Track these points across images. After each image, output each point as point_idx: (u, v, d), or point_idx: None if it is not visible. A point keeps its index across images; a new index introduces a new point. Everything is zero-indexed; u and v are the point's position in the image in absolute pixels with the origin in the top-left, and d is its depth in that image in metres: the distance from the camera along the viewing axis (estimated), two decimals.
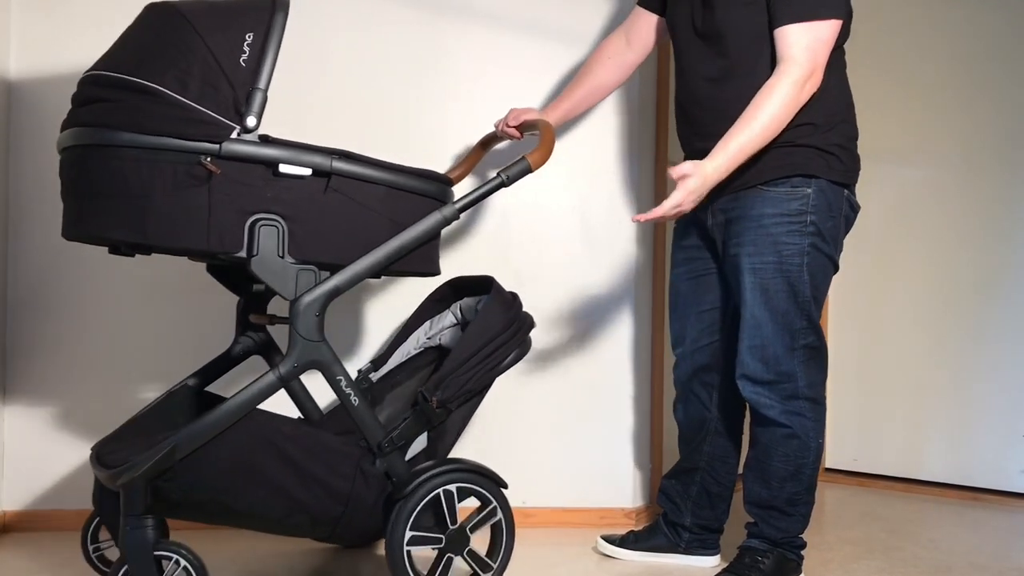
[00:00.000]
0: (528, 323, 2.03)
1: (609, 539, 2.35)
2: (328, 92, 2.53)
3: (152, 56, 1.67)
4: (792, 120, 1.92)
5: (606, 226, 2.64)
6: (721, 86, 2.03)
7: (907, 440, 3.27)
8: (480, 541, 1.93)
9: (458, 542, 1.89)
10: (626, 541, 2.33)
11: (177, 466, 1.70)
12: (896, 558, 2.39)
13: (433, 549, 1.88)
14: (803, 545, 2.13)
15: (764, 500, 2.09)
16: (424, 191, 1.87)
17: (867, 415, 3.35)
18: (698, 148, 2.11)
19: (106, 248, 2.46)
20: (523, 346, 2.01)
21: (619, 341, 2.65)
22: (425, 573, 1.86)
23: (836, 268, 2.08)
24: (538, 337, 2.55)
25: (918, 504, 3.06)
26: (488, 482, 1.92)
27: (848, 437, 3.39)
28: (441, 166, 2.51)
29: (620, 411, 2.65)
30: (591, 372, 2.64)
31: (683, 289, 2.24)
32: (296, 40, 2.51)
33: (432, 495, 1.85)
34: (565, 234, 2.64)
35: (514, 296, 2.05)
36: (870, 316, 3.36)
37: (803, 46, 1.89)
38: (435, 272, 1.97)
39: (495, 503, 1.93)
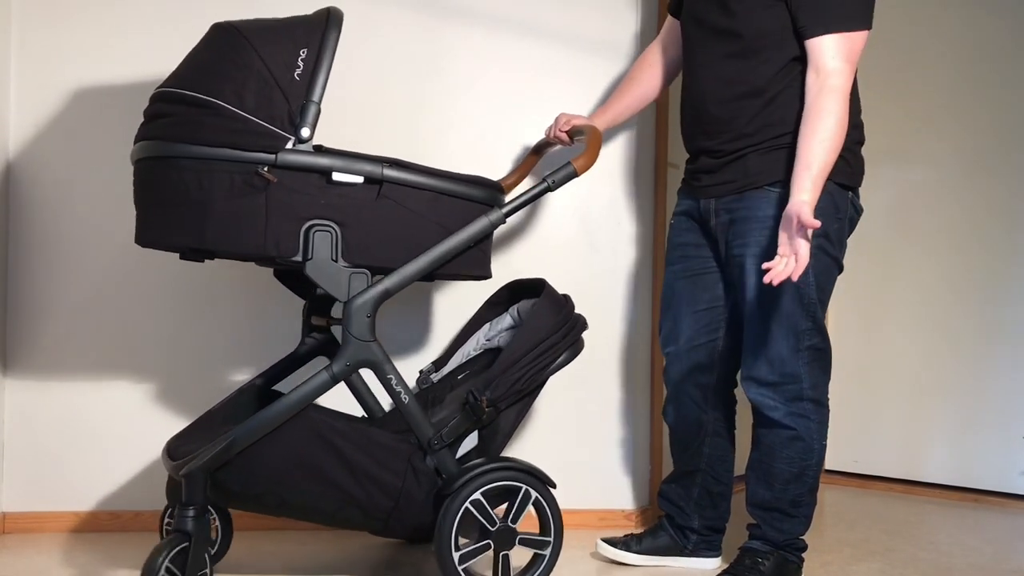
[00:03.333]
0: (580, 324, 2.08)
1: (610, 542, 2.33)
2: (329, 94, 2.52)
3: (212, 72, 1.79)
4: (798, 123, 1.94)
5: (606, 228, 2.65)
6: (737, 87, 2.02)
7: (907, 442, 3.27)
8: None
9: (504, 540, 1.94)
10: (628, 544, 2.30)
11: (236, 459, 1.82)
12: (896, 560, 2.39)
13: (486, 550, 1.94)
14: (804, 547, 2.13)
15: (767, 502, 2.08)
16: (473, 196, 1.95)
17: (867, 416, 3.35)
18: (704, 147, 2.11)
19: (105, 249, 2.49)
20: (575, 346, 2.06)
21: (618, 342, 2.65)
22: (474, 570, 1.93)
23: (841, 269, 2.08)
24: None
25: (918, 506, 3.06)
26: (536, 482, 1.97)
27: (848, 438, 3.39)
28: (442, 167, 2.51)
29: (619, 412, 2.65)
30: (590, 373, 2.64)
31: (679, 287, 2.23)
32: None
33: (503, 484, 1.92)
34: (565, 235, 2.64)
35: (566, 298, 2.10)
36: (871, 317, 3.36)
37: (843, 57, 1.90)
38: (486, 275, 2.03)
39: (551, 539, 1.98)
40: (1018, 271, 3.08)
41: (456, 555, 1.89)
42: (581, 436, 2.64)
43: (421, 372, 2.25)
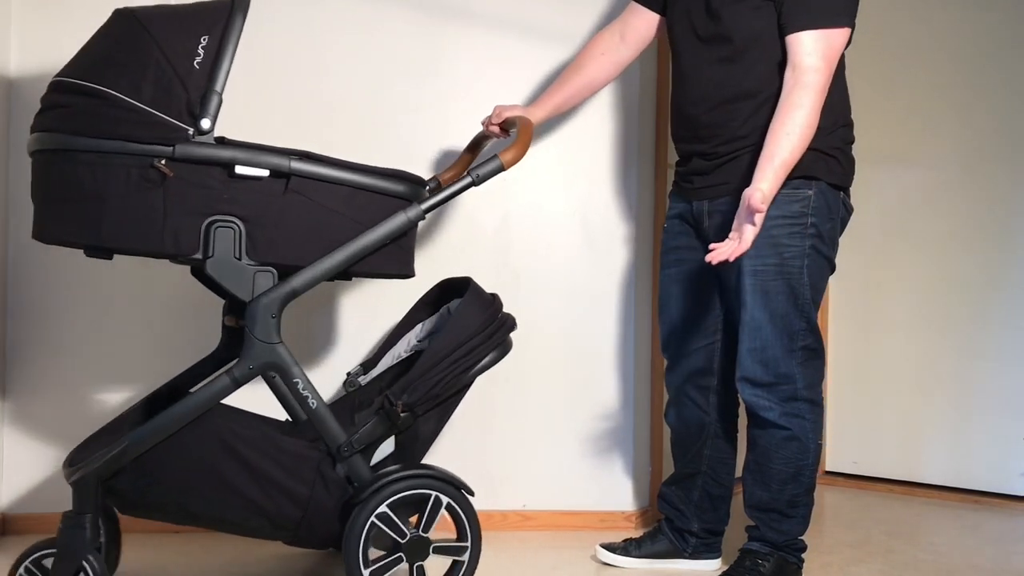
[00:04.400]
0: (508, 324, 1.99)
1: (609, 547, 2.31)
2: (328, 95, 2.53)
3: (109, 61, 1.71)
4: None
5: (605, 229, 2.64)
6: (729, 91, 2.02)
7: (907, 443, 3.27)
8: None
9: (417, 550, 1.85)
10: (628, 549, 2.29)
11: (130, 466, 1.73)
12: (896, 561, 2.39)
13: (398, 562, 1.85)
14: (804, 548, 2.13)
15: (764, 503, 2.08)
16: (390, 191, 1.85)
17: (867, 418, 3.35)
18: (696, 151, 2.11)
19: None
20: (502, 347, 1.97)
21: (618, 343, 2.65)
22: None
23: (833, 269, 2.09)
24: (537, 339, 2.56)
25: (918, 507, 3.06)
26: (451, 488, 1.87)
27: (848, 440, 3.39)
28: (442, 168, 2.51)
29: (620, 414, 2.65)
30: (590, 374, 2.64)
31: (674, 291, 2.22)
32: (295, 44, 2.52)
33: (409, 493, 1.82)
34: (565, 237, 2.64)
35: (493, 296, 2.02)
36: (869, 318, 3.36)
37: (820, 54, 1.90)
38: (409, 274, 1.94)
39: (468, 544, 1.87)
40: (1017, 272, 3.08)
41: (366, 571, 1.80)
42: (581, 438, 2.64)
43: (348, 375, 2.16)
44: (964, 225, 3.17)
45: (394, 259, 1.88)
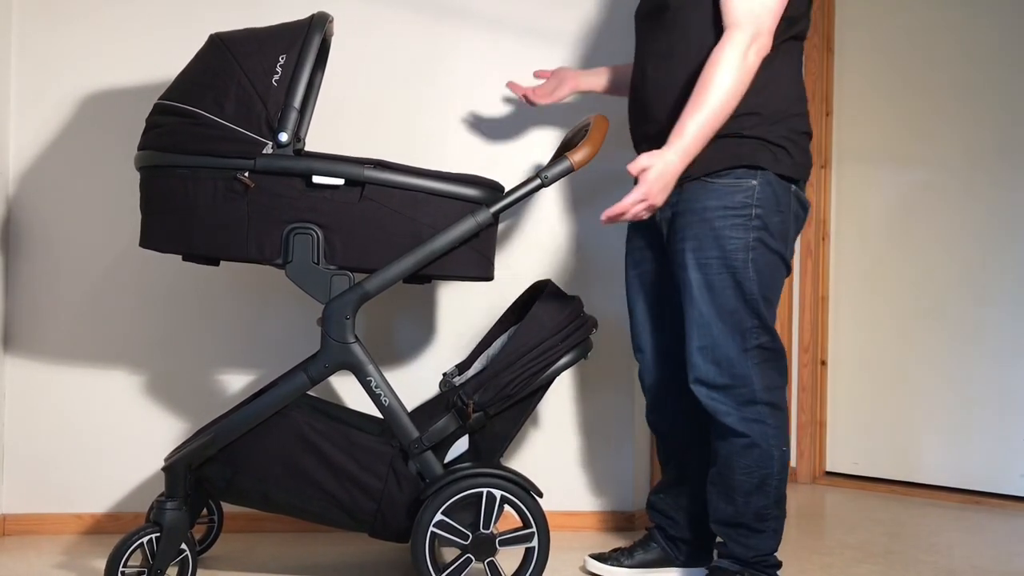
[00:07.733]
0: (588, 324, 2.01)
1: (598, 557, 2.23)
2: (329, 96, 2.52)
3: (196, 83, 1.86)
4: (736, 109, 1.84)
5: (605, 228, 2.64)
6: (668, 64, 1.95)
7: (907, 443, 3.27)
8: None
9: (483, 548, 1.90)
10: (619, 559, 2.20)
11: (219, 455, 1.88)
12: (897, 562, 2.39)
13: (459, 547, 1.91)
14: (778, 564, 2.01)
15: (730, 517, 1.97)
16: (460, 195, 1.91)
17: (867, 418, 3.35)
18: (647, 132, 2.01)
19: (104, 253, 2.49)
20: (581, 348, 2.00)
21: (618, 342, 2.64)
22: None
23: (788, 268, 1.98)
24: None
25: (918, 508, 3.05)
26: (521, 491, 1.91)
27: (848, 440, 3.39)
28: (442, 169, 2.51)
29: (619, 413, 2.65)
30: (589, 373, 2.64)
31: (639, 293, 2.13)
32: None
33: (459, 496, 1.87)
34: (564, 236, 2.63)
35: (573, 298, 2.05)
36: (870, 319, 3.36)
37: (744, 10, 1.82)
38: (487, 277, 1.99)
39: (535, 529, 1.92)
40: (1017, 272, 3.07)
41: (435, 573, 1.87)
42: (581, 438, 2.64)
43: (444, 375, 2.18)
44: (964, 226, 3.17)
45: (471, 262, 1.95)
